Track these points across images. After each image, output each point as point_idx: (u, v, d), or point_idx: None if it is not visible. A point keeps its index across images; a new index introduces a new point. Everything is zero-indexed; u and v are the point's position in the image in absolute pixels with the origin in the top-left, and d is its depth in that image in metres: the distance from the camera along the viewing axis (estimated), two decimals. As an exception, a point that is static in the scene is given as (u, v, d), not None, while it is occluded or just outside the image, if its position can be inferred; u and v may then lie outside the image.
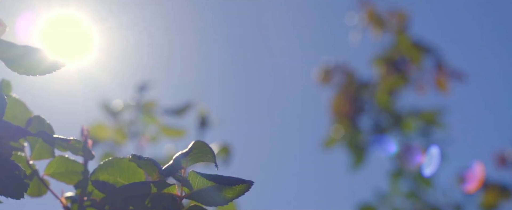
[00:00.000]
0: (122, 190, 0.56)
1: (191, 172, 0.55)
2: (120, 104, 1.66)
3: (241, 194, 0.54)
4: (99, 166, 0.58)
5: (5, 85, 0.62)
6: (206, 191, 0.54)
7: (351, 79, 3.26)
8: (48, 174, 0.61)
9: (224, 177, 0.54)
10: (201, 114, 1.69)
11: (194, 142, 0.54)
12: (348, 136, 3.07)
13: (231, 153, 1.60)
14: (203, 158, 0.54)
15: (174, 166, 0.53)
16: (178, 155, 0.54)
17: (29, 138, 0.61)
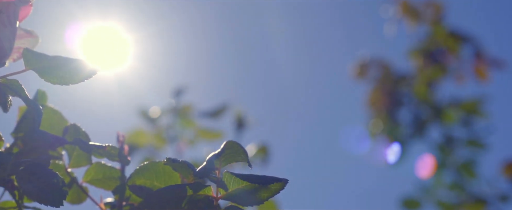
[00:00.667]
0: (159, 193, 0.56)
1: (226, 173, 0.55)
2: (158, 110, 1.68)
3: (276, 192, 0.54)
4: (135, 171, 0.59)
5: (40, 95, 0.63)
6: (241, 191, 0.54)
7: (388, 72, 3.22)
8: (86, 181, 0.63)
9: (258, 177, 0.54)
10: (237, 116, 1.70)
11: (226, 142, 0.54)
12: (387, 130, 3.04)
13: (269, 152, 1.60)
14: (236, 158, 0.55)
15: (208, 168, 0.53)
16: (211, 156, 0.54)
17: (67, 147, 0.63)
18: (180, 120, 1.64)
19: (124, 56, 1.96)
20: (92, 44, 1.83)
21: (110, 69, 1.92)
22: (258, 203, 0.55)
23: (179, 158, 0.57)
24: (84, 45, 1.81)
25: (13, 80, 0.53)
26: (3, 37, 0.55)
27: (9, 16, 0.56)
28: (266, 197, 0.54)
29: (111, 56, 1.92)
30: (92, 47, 1.82)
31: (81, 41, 1.85)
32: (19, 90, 0.53)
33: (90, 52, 1.82)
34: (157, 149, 1.65)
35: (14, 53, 0.60)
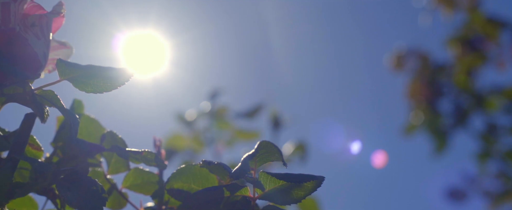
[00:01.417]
0: (196, 196, 0.57)
1: (261, 173, 0.55)
2: (194, 113, 1.69)
3: (313, 190, 0.54)
4: (173, 175, 0.59)
5: (77, 104, 0.64)
6: (278, 191, 0.54)
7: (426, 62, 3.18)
8: (125, 186, 0.63)
9: (294, 175, 0.54)
10: (273, 115, 1.70)
11: (260, 142, 0.54)
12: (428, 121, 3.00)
13: (307, 150, 1.59)
14: (270, 158, 0.55)
15: (243, 168, 0.54)
16: (246, 157, 0.54)
17: (105, 154, 0.64)
18: (217, 122, 1.65)
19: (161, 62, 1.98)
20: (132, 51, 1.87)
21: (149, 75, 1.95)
22: (295, 201, 0.55)
23: (217, 160, 0.57)
24: (125, 51, 1.85)
25: (48, 91, 0.54)
26: (38, 49, 0.56)
27: (42, 28, 0.57)
28: (302, 195, 0.54)
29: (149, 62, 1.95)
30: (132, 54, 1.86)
31: (122, 48, 1.89)
32: (55, 100, 0.54)
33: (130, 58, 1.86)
34: (196, 152, 1.66)
35: (49, 65, 0.61)
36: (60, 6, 0.59)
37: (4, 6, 0.54)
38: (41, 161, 0.58)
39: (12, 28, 0.54)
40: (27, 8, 0.57)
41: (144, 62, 1.94)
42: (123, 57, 1.88)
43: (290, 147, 1.62)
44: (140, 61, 1.92)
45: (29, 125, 0.57)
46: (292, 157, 1.60)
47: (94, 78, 0.53)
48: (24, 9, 0.56)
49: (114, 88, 0.55)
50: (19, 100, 0.54)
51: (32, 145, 0.59)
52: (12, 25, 0.55)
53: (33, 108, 0.54)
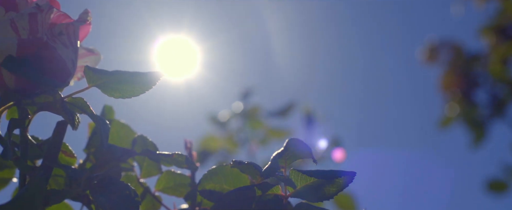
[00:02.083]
0: (228, 196, 0.57)
1: (292, 171, 0.55)
2: (227, 114, 1.70)
3: (344, 186, 0.54)
4: (204, 176, 0.60)
5: (107, 110, 0.65)
6: (309, 188, 0.54)
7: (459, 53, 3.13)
8: (158, 189, 0.64)
9: (325, 172, 0.53)
10: (306, 112, 1.69)
11: (288, 140, 0.54)
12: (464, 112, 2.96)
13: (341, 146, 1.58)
14: (300, 155, 0.54)
15: (273, 167, 0.53)
16: (275, 156, 0.54)
17: (137, 158, 0.64)
18: (249, 122, 1.66)
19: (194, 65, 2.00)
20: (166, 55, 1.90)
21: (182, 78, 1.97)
22: (327, 198, 0.54)
23: (251, 159, 0.57)
24: (160, 55, 1.88)
25: (78, 98, 0.55)
26: (66, 57, 0.57)
27: (70, 36, 0.58)
28: (334, 192, 0.54)
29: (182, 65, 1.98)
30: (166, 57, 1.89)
31: (157, 52, 1.92)
32: (85, 107, 0.55)
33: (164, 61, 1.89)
34: (230, 152, 1.67)
35: (78, 72, 0.62)
36: (86, 14, 0.60)
37: (32, 17, 0.55)
38: (75, 167, 0.59)
39: (40, 38, 0.55)
40: (54, 17, 0.57)
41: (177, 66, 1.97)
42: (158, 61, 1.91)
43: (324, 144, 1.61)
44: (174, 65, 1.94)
45: (61, 132, 0.57)
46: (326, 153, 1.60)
47: (121, 84, 0.54)
48: (51, 19, 0.57)
49: (142, 92, 0.55)
50: (50, 108, 0.55)
51: (65, 152, 0.60)
52: (40, 34, 0.55)
53: (63, 115, 0.55)
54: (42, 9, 0.56)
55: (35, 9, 0.55)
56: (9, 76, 0.55)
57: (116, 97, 0.55)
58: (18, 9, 0.57)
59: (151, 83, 0.55)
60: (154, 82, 0.55)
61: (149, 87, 0.55)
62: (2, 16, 0.56)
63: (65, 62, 0.57)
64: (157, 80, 0.55)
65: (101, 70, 0.53)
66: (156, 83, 0.55)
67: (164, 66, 1.93)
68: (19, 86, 0.55)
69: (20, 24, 0.55)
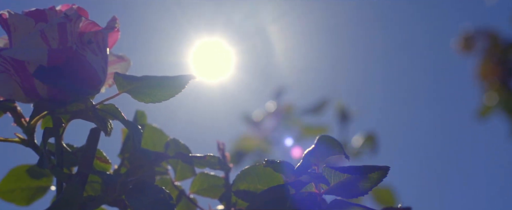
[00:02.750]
0: (262, 196, 0.57)
1: (325, 167, 0.54)
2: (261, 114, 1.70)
3: (378, 181, 0.53)
4: (237, 176, 0.60)
5: (139, 115, 0.66)
6: (343, 184, 0.54)
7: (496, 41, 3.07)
8: (193, 192, 0.64)
9: (358, 167, 0.53)
10: (340, 108, 1.68)
11: (319, 137, 0.54)
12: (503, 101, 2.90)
13: (376, 141, 1.57)
14: (332, 151, 0.54)
15: (304, 165, 0.53)
16: (306, 153, 0.54)
17: (171, 161, 0.65)
18: (283, 120, 1.65)
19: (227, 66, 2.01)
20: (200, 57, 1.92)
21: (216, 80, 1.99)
22: (362, 193, 0.54)
23: (286, 158, 0.57)
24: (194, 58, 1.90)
25: (109, 104, 0.56)
26: (96, 65, 0.58)
27: (99, 44, 0.59)
28: (369, 187, 0.53)
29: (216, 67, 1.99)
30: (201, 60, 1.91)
31: (192, 54, 1.94)
32: (116, 113, 0.55)
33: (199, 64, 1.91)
34: (265, 152, 1.67)
35: (109, 79, 0.63)
36: (114, 21, 0.61)
37: (61, 26, 0.56)
38: (110, 173, 0.60)
39: (69, 47, 0.56)
40: (83, 26, 0.58)
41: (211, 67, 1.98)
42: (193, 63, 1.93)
43: (360, 139, 1.60)
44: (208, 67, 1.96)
45: (95, 139, 0.58)
46: (362, 149, 1.58)
47: (151, 88, 0.54)
48: (79, 27, 0.58)
49: (172, 96, 0.56)
50: (82, 116, 0.56)
51: (99, 159, 0.61)
52: (70, 44, 0.56)
53: (96, 122, 0.55)
54: (70, 19, 0.57)
55: (64, 18, 0.56)
56: (42, 86, 0.56)
57: (146, 102, 0.56)
58: (47, 20, 0.58)
59: (180, 86, 0.55)
60: (183, 85, 0.55)
61: (178, 90, 0.55)
62: (32, 28, 0.57)
63: (95, 70, 0.57)
64: (186, 83, 0.55)
65: (130, 76, 0.54)
66: (185, 86, 0.55)
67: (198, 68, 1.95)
68: (51, 95, 0.56)
69: (49, 35, 0.56)
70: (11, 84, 0.56)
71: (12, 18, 0.57)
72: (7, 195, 0.65)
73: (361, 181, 0.53)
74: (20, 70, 0.55)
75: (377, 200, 1.49)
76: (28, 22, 0.57)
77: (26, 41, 0.55)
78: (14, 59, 0.55)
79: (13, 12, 0.57)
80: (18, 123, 0.58)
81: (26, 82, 0.56)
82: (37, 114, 0.56)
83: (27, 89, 0.56)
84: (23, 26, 0.57)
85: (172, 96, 0.56)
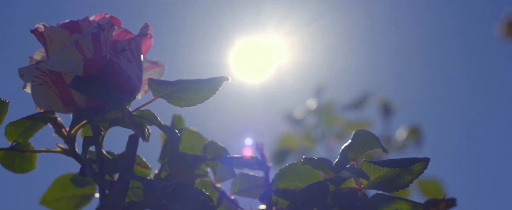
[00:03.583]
0: (302, 193, 0.56)
1: (363, 162, 0.54)
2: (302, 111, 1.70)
3: (419, 173, 0.52)
4: (277, 175, 0.60)
5: (177, 120, 0.66)
6: (384, 178, 0.53)
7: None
8: (234, 193, 0.64)
9: (397, 160, 0.52)
10: (382, 102, 1.66)
11: (355, 132, 0.53)
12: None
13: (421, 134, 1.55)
14: (369, 146, 0.53)
15: (342, 161, 0.53)
16: (343, 149, 0.53)
17: (210, 163, 0.65)
18: (325, 117, 1.64)
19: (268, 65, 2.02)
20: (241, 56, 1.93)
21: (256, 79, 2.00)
22: (403, 186, 0.53)
23: (329, 155, 0.57)
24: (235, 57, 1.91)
25: (146, 110, 0.56)
26: (131, 72, 0.58)
27: (132, 51, 0.59)
28: (410, 180, 0.52)
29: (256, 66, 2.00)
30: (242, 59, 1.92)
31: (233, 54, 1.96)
32: (153, 118, 0.56)
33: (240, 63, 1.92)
34: (308, 149, 1.66)
35: (144, 85, 0.63)
36: (146, 27, 0.61)
37: (94, 36, 0.57)
38: (150, 178, 0.61)
39: (103, 56, 0.56)
40: (116, 35, 0.59)
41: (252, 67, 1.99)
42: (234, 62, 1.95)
43: (403, 133, 1.58)
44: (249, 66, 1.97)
45: (134, 145, 0.59)
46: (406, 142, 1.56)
47: (185, 92, 0.55)
48: (113, 36, 0.59)
49: (207, 98, 0.56)
50: (120, 123, 0.57)
51: (140, 164, 0.61)
52: (104, 53, 0.57)
53: (134, 129, 0.56)
54: (103, 28, 0.57)
55: (97, 28, 0.57)
56: (79, 96, 0.57)
57: (181, 106, 0.56)
58: (81, 31, 0.59)
59: (214, 88, 0.55)
60: (217, 87, 0.55)
61: (213, 92, 0.55)
62: (67, 39, 0.58)
63: (130, 77, 0.58)
64: (220, 85, 0.55)
65: (164, 81, 0.54)
66: (219, 88, 0.55)
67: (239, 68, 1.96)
68: (89, 105, 0.57)
69: (84, 45, 0.56)
70: (50, 96, 0.57)
71: (47, 31, 0.58)
72: (53, 204, 0.67)
73: (401, 174, 0.53)
74: (57, 81, 0.57)
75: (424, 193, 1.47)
76: (63, 34, 0.58)
77: (62, 52, 0.56)
78: (51, 71, 0.56)
79: (48, 25, 0.58)
80: (59, 133, 0.59)
81: (64, 93, 0.57)
82: (76, 124, 0.58)
83: (65, 100, 0.57)
84: (58, 38, 0.58)
85: (207, 98, 0.56)
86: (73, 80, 0.55)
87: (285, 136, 1.69)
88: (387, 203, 0.53)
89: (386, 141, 1.59)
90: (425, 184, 1.47)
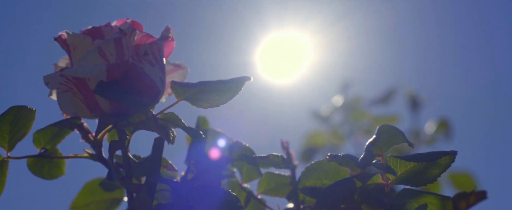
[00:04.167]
0: (329, 191, 0.56)
1: (389, 157, 0.53)
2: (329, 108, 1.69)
3: (447, 166, 0.51)
4: (303, 174, 0.59)
5: (201, 121, 0.66)
6: (411, 173, 0.53)
7: None
8: (261, 192, 0.64)
9: (424, 154, 0.52)
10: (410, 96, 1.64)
11: (379, 127, 0.53)
12: None
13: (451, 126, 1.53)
14: (394, 141, 0.53)
15: (367, 156, 0.52)
16: (368, 145, 0.53)
17: (236, 163, 0.65)
18: (352, 113, 1.63)
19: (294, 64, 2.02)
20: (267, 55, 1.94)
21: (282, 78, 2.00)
22: (431, 180, 0.52)
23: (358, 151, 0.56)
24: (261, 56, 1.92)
25: (169, 113, 0.57)
26: (154, 76, 0.59)
27: (155, 55, 0.60)
28: (437, 173, 0.52)
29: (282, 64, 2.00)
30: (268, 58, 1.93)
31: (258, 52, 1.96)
32: (177, 121, 0.56)
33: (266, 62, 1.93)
34: (336, 146, 1.66)
35: (168, 88, 0.64)
36: (168, 31, 0.62)
37: (117, 41, 0.57)
38: (177, 180, 0.61)
39: (126, 61, 0.57)
40: (138, 39, 0.59)
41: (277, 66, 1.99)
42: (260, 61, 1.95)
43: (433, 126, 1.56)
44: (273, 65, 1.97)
45: (160, 148, 0.59)
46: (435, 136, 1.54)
47: (207, 94, 0.55)
48: (135, 40, 0.59)
49: (229, 99, 0.56)
50: (144, 126, 0.57)
51: (166, 167, 0.62)
52: (126, 57, 0.58)
53: (158, 132, 0.56)
54: (125, 33, 0.58)
55: (119, 33, 0.58)
56: (104, 101, 0.57)
57: (205, 107, 0.56)
58: (104, 36, 0.59)
59: (237, 89, 0.55)
60: (240, 87, 0.55)
61: (235, 93, 0.55)
62: (90, 45, 0.59)
63: (153, 81, 0.58)
64: (242, 85, 0.55)
65: (186, 83, 0.54)
66: (241, 88, 0.55)
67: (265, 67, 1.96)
68: (113, 109, 0.58)
69: (107, 50, 0.57)
70: (75, 102, 0.58)
71: (70, 38, 0.59)
72: (84, 209, 0.67)
73: (429, 168, 0.52)
74: (82, 87, 0.57)
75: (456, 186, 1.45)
76: (85, 40, 0.59)
77: (85, 58, 0.57)
78: (75, 77, 0.56)
79: (71, 32, 0.59)
80: (86, 138, 0.60)
81: (89, 98, 0.57)
82: (102, 129, 0.58)
83: (90, 105, 0.58)
84: (81, 45, 0.59)
85: (230, 99, 0.56)
86: (97, 86, 0.55)
87: (312, 134, 1.68)
88: (415, 198, 0.52)
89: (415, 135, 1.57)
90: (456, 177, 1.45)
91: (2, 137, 0.58)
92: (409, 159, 0.52)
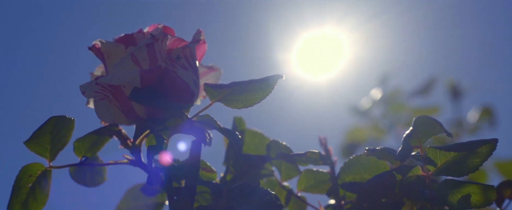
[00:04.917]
0: (369, 185, 0.56)
1: (428, 148, 0.52)
2: (368, 102, 1.67)
3: (488, 155, 0.50)
4: (342, 169, 0.59)
5: (238, 122, 0.66)
6: (451, 163, 0.52)
7: None
8: (301, 190, 0.64)
9: (463, 144, 0.51)
10: (450, 85, 1.61)
11: (416, 119, 0.52)
12: None
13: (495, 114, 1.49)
14: (432, 132, 0.52)
15: (405, 149, 0.52)
16: (405, 137, 0.52)
17: (275, 162, 0.65)
18: (392, 106, 1.61)
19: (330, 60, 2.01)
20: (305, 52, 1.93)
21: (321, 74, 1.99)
22: (473, 170, 0.51)
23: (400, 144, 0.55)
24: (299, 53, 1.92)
25: (205, 115, 0.57)
26: (188, 79, 0.59)
27: (187, 58, 0.60)
28: (479, 162, 0.51)
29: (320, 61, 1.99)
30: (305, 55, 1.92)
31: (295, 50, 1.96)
32: (212, 123, 0.56)
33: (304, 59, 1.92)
34: (377, 140, 1.64)
35: (202, 91, 0.64)
36: (199, 34, 0.62)
37: (149, 47, 0.58)
38: (216, 182, 0.61)
39: (159, 66, 0.57)
40: (170, 44, 0.60)
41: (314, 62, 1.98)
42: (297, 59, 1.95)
43: (475, 115, 1.53)
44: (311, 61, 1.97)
45: (197, 151, 0.59)
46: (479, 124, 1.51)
47: (240, 94, 0.55)
48: (167, 45, 0.60)
49: (263, 98, 0.56)
50: (180, 130, 0.57)
51: (205, 169, 0.62)
52: (159, 63, 0.58)
53: (194, 135, 0.57)
54: (157, 38, 0.58)
55: (151, 39, 0.58)
56: (139, 107, 0.58)
57: (239, 107, 0.56)
58: (136, 43, 0.60)
59: (269, 87, 0.55)
60: (272, 85, 0.55)
61: (268, 92, 0.55)
62: (123, 52, 0.59)
63: (187, 84, 0.59)
64: (275, 84, 0.55)
65: (218, 85, 0.55)
66: (274, 87, 0.55)
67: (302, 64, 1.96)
68: (150, 115, 0.58)
69: (140, 56, 0.58)
70: (112, 109, 0.59)
71: (104, 47, 0.60)
72: (127, 215, 0.68)
73: (469, 158, 0.51)
74: (118, 94, 0.58)
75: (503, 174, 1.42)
76: (118, 48, 0.59)
77: (119, 66, 0.58)
78: (110, 85, 0.57)
79: (105, 41, 0.60)
80: (124, 145, 0.61)
81: (125, 105, 0.58)
82: (139, 134, 0.59)
83: (127, 112, 0.58)
84: (115, 53, 0.59)
85: (263, 98, 0.56)
86: (132, 92, 0.56)
87: (353, 129, 1.67)
88: (457, 188, 0.51)
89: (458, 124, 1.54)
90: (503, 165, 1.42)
91: (43, 147, 0.59)
92: (449, 149, 0.51)
